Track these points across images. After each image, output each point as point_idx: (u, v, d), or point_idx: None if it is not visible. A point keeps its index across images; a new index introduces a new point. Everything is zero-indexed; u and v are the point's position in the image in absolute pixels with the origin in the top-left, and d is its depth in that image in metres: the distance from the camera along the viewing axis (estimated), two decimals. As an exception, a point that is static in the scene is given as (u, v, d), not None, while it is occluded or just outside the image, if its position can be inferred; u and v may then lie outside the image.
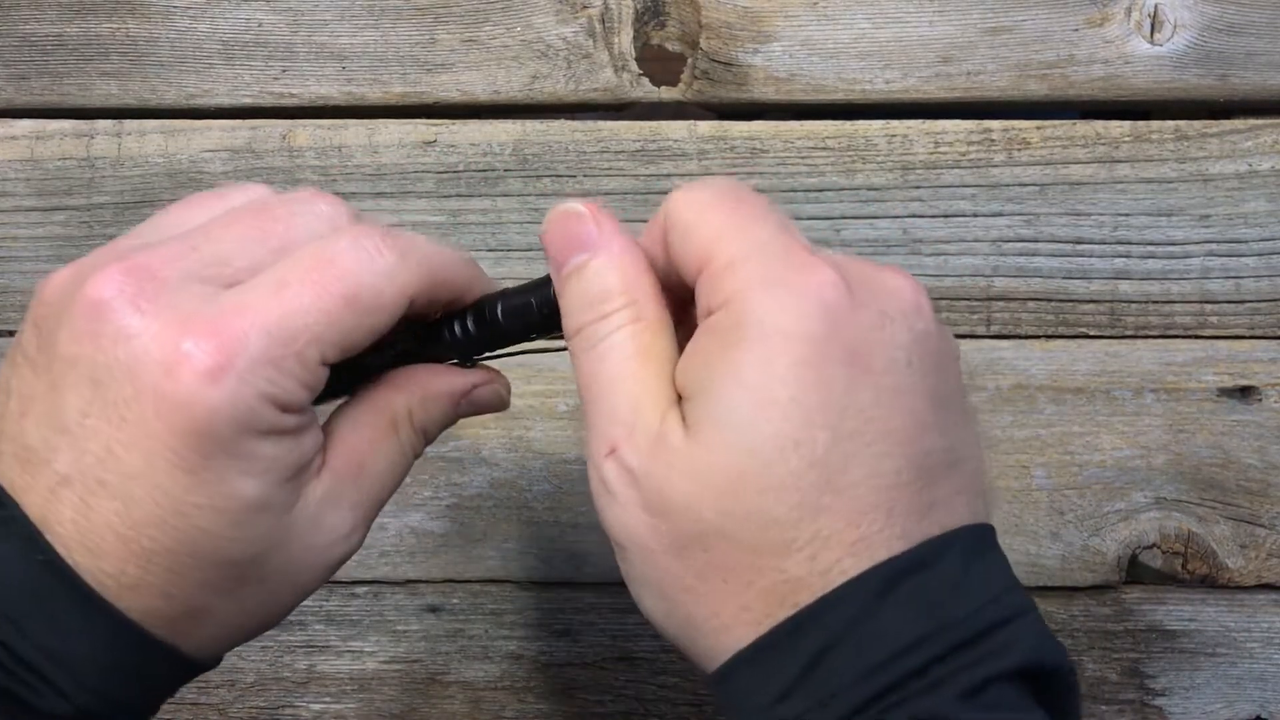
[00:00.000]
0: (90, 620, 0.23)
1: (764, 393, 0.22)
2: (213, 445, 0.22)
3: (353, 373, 0.27)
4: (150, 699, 0.25)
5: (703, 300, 0.24)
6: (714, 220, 0.25)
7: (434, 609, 0.45)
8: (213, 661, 0.26)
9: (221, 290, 0.24)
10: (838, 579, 0.22)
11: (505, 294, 0.28)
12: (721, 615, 0.23)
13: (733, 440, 0.23)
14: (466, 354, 0.29)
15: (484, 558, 0.45)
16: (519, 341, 0.29)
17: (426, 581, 0.45)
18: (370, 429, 0.27)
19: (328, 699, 0.45)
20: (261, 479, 0.23)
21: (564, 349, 0.27)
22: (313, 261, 0.24)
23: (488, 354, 0.29)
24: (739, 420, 0.23)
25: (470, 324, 0.28)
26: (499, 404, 0.30)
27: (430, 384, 0.28)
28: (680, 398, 0.25)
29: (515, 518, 0.45)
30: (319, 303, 0.24)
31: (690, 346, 0.25)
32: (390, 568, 0.45)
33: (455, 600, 0.45)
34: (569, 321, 0.26)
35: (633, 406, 0.24)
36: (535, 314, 0.28)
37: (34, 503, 0.23)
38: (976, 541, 0.24)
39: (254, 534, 0.24)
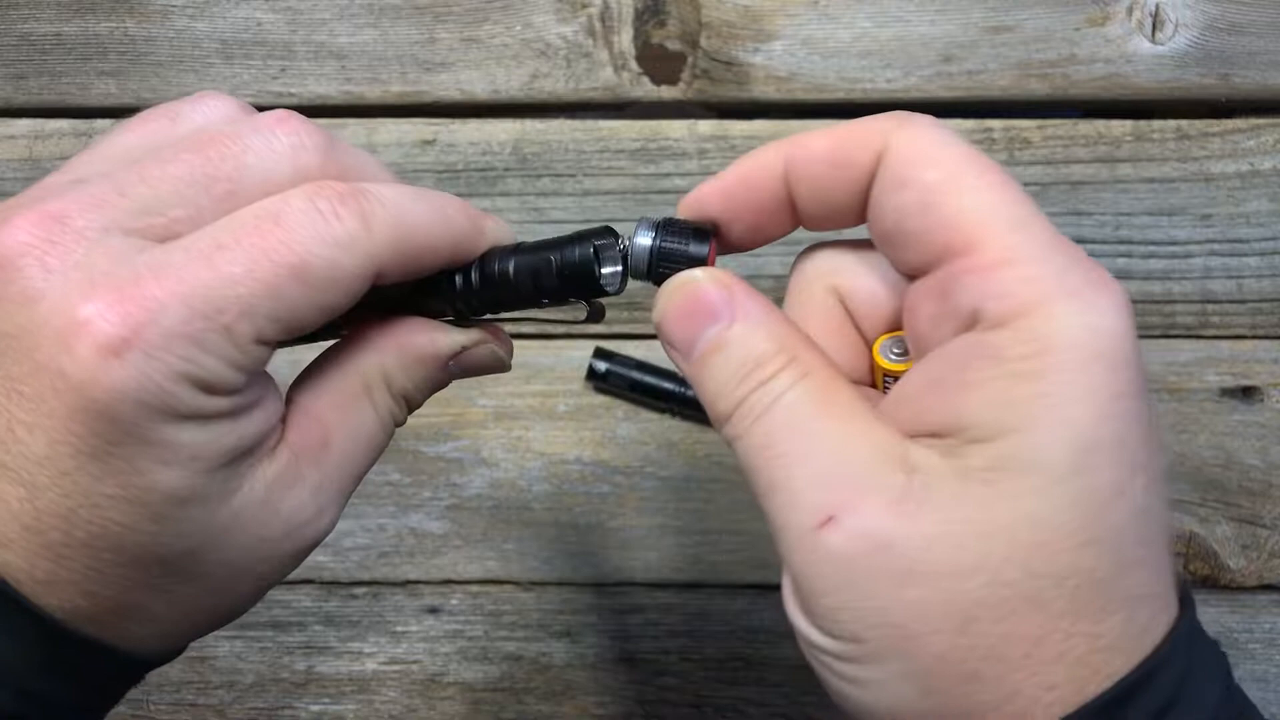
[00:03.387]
0: (7, 619, 0.20)
1: (1089, 432, 0.19)
2: (118, 430, 0.19)
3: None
4: (100, 697, 0.23)
5: (966, 299, 0.20)
6: (976, 193, 0.20)
7: (433, 610, 0.45)
8: (168, 656, 0.24)
9: (149, 246, 0.20)
10: (1147, 642, 0.20)
11: (520, 248, 0.25)
12: (1018, 699, 0.19)
13: (1051, 489, 0.19)
14: (465, 310, 0.25)
15: (483, 558, 0.45)
16: (528, 305, 0.25)
17: (426, 582, 0.45)
18: (337, 395, 0.24)
19: (326, 700, 0.45)
20: (184, 468, 0.20)
21: (565, 333, 0.23)
22: (256, 222, 0.21)
23: (490, 314, 0.26)
24: (1059, 465, 0.19)
25: (475, 276, 0.24)
26: (497, 366, 0.26)
27: (411, 343, 0.24)
28: (936, 437, 0.21)
29: (515, 518, 0.45)
30: (257, 271, 0.20)
31: (952, 371, 0.20)
32: (389, 568, 0.45)
33: (454, 601, 0.45)
34: (719, 405, 0.22)
35: (850, 462, 0.20)
36: (553, 276, 0.24)
37: None
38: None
39: (182, 529, 0.21)
